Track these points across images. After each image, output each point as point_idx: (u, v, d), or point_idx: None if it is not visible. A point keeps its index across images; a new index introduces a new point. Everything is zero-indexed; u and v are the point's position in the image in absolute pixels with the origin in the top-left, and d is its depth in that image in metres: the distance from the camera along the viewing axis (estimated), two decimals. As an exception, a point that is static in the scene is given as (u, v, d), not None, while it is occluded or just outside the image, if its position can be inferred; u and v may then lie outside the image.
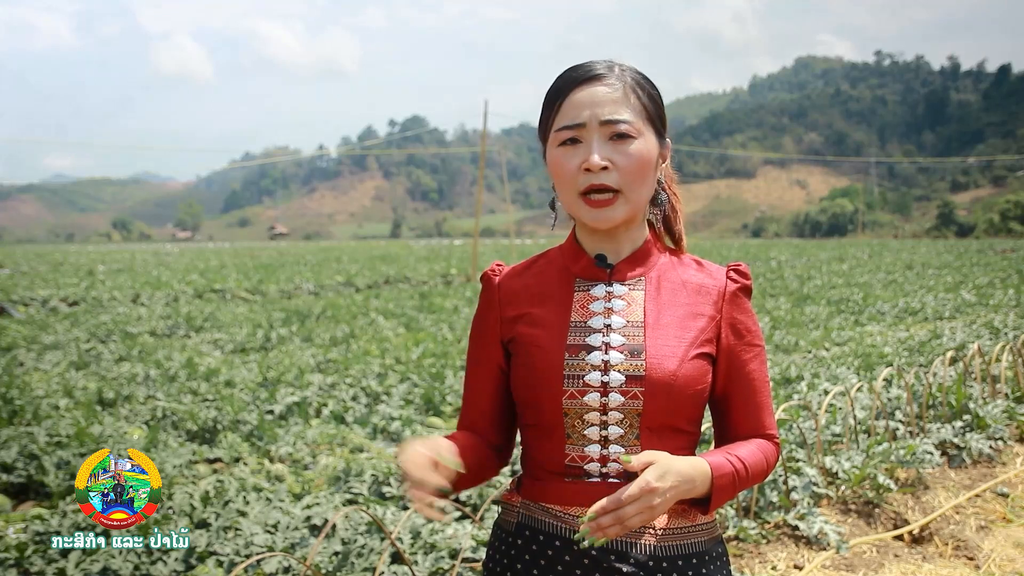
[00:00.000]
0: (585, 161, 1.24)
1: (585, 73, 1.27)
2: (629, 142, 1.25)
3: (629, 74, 1.28)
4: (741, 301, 1.35)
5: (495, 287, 1.38)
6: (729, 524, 3.57)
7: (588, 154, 1.24)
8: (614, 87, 1.26)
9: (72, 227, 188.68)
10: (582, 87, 1.26)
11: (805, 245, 56.33)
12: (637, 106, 1.26)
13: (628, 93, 1.26)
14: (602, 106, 1.24)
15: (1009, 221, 79.10)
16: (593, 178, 1.24)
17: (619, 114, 1.24)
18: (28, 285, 20.52)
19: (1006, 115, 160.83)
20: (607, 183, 1.24)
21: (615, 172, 1.24)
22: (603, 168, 1.23)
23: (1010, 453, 4.95)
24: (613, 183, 1.24)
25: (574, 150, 1.25)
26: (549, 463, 1.30)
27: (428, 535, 3.27)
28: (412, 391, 6.87)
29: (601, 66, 1.28)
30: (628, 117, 1.25)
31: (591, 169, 1.23)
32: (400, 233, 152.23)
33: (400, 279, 23.40)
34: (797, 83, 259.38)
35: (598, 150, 1.23)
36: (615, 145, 1.24)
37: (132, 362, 8.84)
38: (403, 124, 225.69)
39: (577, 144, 1.25)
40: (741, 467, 1.28)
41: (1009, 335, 8.93)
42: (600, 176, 1.24)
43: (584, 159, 1.24)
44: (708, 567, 1.30)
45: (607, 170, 1.24)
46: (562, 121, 1.26)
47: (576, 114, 1.25)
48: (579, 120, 1.24)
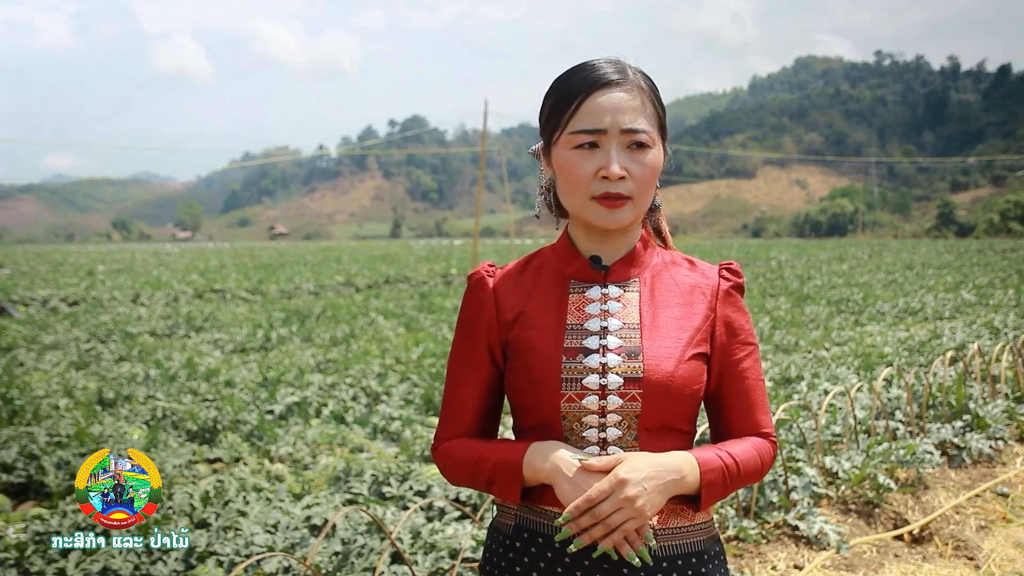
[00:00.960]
0: (603, 168, 1.24)
1: (604, 76, 1.26)
2: (645, 151, 1.26)
3: (643, 79, 1.29)
4: (734, 299, 1.36)
5: (488, 289, 1.37)
6: (729, 524, 3.57)
7: (606, 162, 1.24)
8: (632, 94, 1.26)
9: (72, 227, 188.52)
10: (602, 91, 1.25)
11: (805, 245, 56.33)
12: (653, 115, 1.28)
13: (645, 101, 1.27)
14: (623, 114, 1.24)
15: (1009, 221, 79.07)
16: (610, 186, 1.25)
17: (638, 123, 1.25)
18: (28, 285, 20.53)
19: (1006, 115, 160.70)
20: (622, 191, 1.25)
21: (630, 181, 1.25)
22: (620, 178, 1.24)
23: (1010, 453, 4.95)
24: (626, 191, 1.25)
25: (591, 154, 1.26)
26: None
27: (428, 535, 3.27)
28: (412, 391, 6.87)
29: (616, 69, 1.28)
30: (646, 127, 1.26)
31: (609, 178, 1.24)
32: (400, 233, 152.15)
33: (400, 279, 23.40)
34: (797, 83, 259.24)
35: (617, 159, 1.24)
36: (631, 154, 1.25)
37: (132, 362, 8.84)
38: (403, 124, 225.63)
39: (594, 149, 1.25)
40: (732, 463, 1.27)
41: (1009, 335, 8.93)
42: (616, 185, 1.25)
43: (601, 166, 1.24)
44: (706, 566, 1.30)
45: (623, 179, 1.25)
46: (581, 124, 1.25)
47: (597, 120, 1.25)
48: (600, 126, 1.24)
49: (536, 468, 1.24)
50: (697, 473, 1.24)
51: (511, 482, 1.27)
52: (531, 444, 1.27)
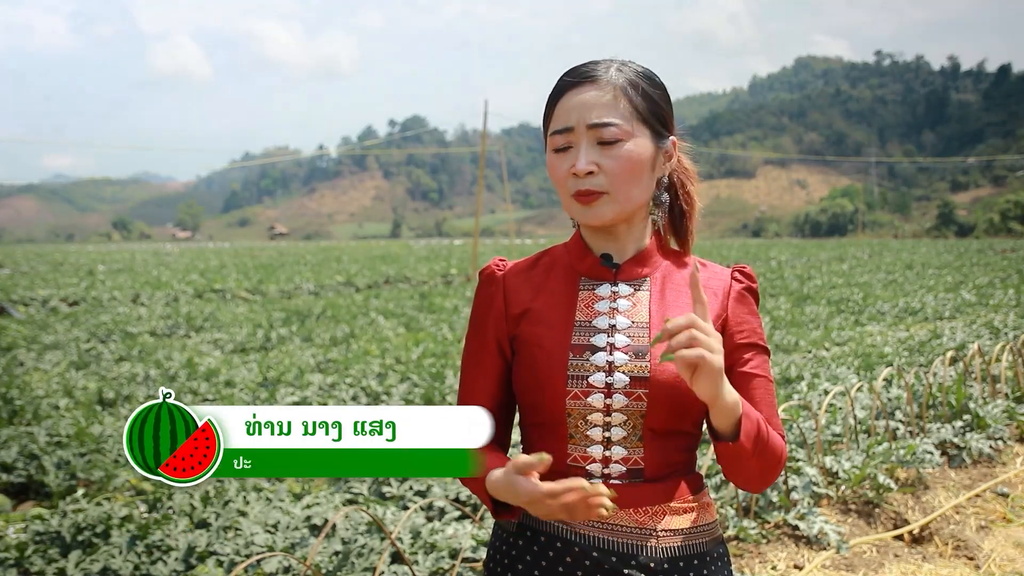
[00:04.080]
0: (572, 166, 1.26)
1: (578, 77, 1.28)
2: (618, 145, 1.25)
3: (625, 74, 1.28)
4: (746, 301, 1.35)
5: (499, 283, 1.37)
6: (729, 524, 3.57)
7: (576, 158, 1.25)
8: (604, 90, 1.26)
9: (72, 227, 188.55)
10: (573, 91, 1.27)
11: (805, 245, 56.32)
12: (627, 108, 1.26)
13: (619, 95, 1.26)
14: (589, 110, 1.25)
15: (1009, 221, 79.05)
16: (580, 183, 1.26)
17: (606, 118, 1.25)
18: (28, 285, 20.52)
19: (1006, 115, 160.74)
20: (592, 187, 1.25)
21: (601, 175, 1.25)
22: (588, 173, 1.25)
23: (1010, 453, 4.95)
24: (598, 187, 1.25)
25: (565, 155, 1.27)
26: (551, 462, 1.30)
27: (428, 535, 3.27)
28: (412, 391, 6.87)
29: (597, 68, 1.28)
30: (615, 120, 1.25)
31: (577, 174, 1.25)
32: (400, 233, 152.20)
33: (400, 279, 23.40)
34: (797, 83, 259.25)
35: (584, 155, 1.25)
36: (603, 149, 1.25)
37: (132, 362, 8.84)
38: (403, 124, 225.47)
39: (568, 149, 1.27)
40: (764, 427, 1.22)
41: (1009, 335, 8.93)
42: (586, 181, 1.25)
43: (572, 163, 1.26)
44: (710, 568, 1.30)
45: (593, 175, 1.25)
46: (555, 126, 1.28)
47: (566, 119, 1.27)
48: (568, 124, 1.26)
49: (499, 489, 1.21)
50: (739, 402, 1.18)
51: (485, 501, 1.28)
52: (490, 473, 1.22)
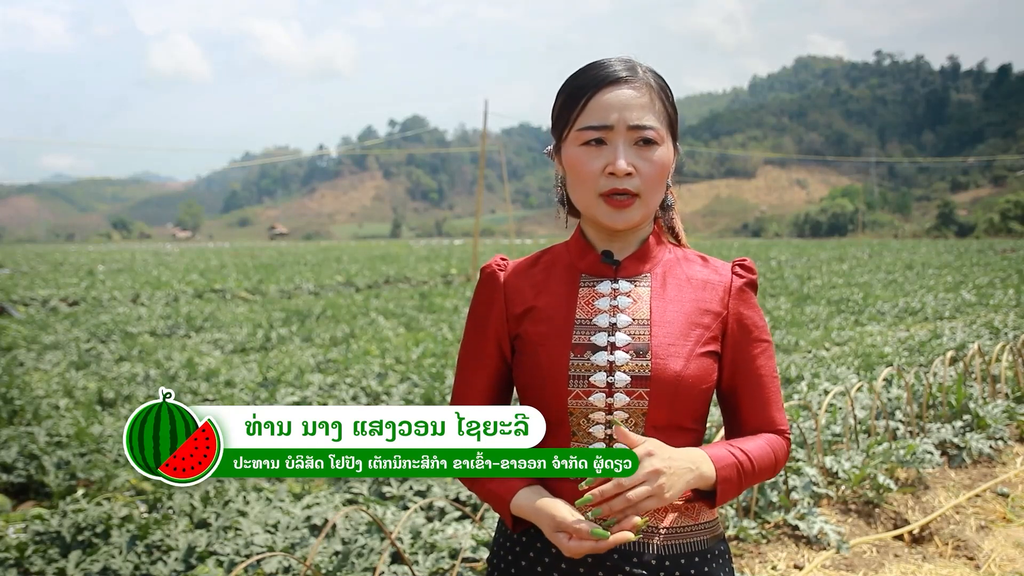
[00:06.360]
0: (610, 164, 1.24)
1: (612, 74, 1.26)
2: (653, 148, 1.26)
3: (652, 77, 1.29)
4: (747, 296, 1.35)
5: (500, 282, 1.37)
6: (729, 524, 3.57)
7: (613, 158, 1.24)
8: (641, 91, 1.26)
9: (72, 227, 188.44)
10: (610, 88, 1.26)
11: (805, 245, 56.31)
12: (661, 112, 1.27)
13: (654, 98, 1.27)
14: (630, 110, 1.24)
15: (1009, 221, 78.97)
16: (616, 182, 1.25)
17: (646, 120, 1.25)
18: (28, 285, 20.52)
19: (1006, 115, 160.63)
20: (629, 188, 1.25)
21: (637, 177, 1.25)
22: (627, 174, 1.24)
23: (1010, 453, 4.95)
24: (634, 188, 1.25)
25: (598, 151, 1.26)
26: None
27: (428, 535, 3.27)
28: (412, 391, 6.87)
29: (625, 66, 1.28)
30: (654, 123, 1.26)
31: (616, 174, 1.24)
32: (400, 233, 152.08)
33: (400, 279, 23.39)
34: (797, 83, 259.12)
35: (624, 155, 1.24)
36: (639, 150, 1.25)
37: (132, 362, 8.84)
38: (403, 124, 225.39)
39: (602, 145, 1.26)
40: (745, 459, 1.27)
41: (1009, 335, 8.93)
42: (623, 181, 1.25)
43: (609, 162, 1.25)
44: (710, 565, 1.30)
45: (630, 176, 1.25)
46: (587, 121, 1.26)
47: (604, 116, 1.25)
48: (607, 122, 1.25)
49: (526, 514, 1.24)
50: (712, 468, 1.23)
51: (504, 515, 1.29)
52: (519, 491, 1.25)
